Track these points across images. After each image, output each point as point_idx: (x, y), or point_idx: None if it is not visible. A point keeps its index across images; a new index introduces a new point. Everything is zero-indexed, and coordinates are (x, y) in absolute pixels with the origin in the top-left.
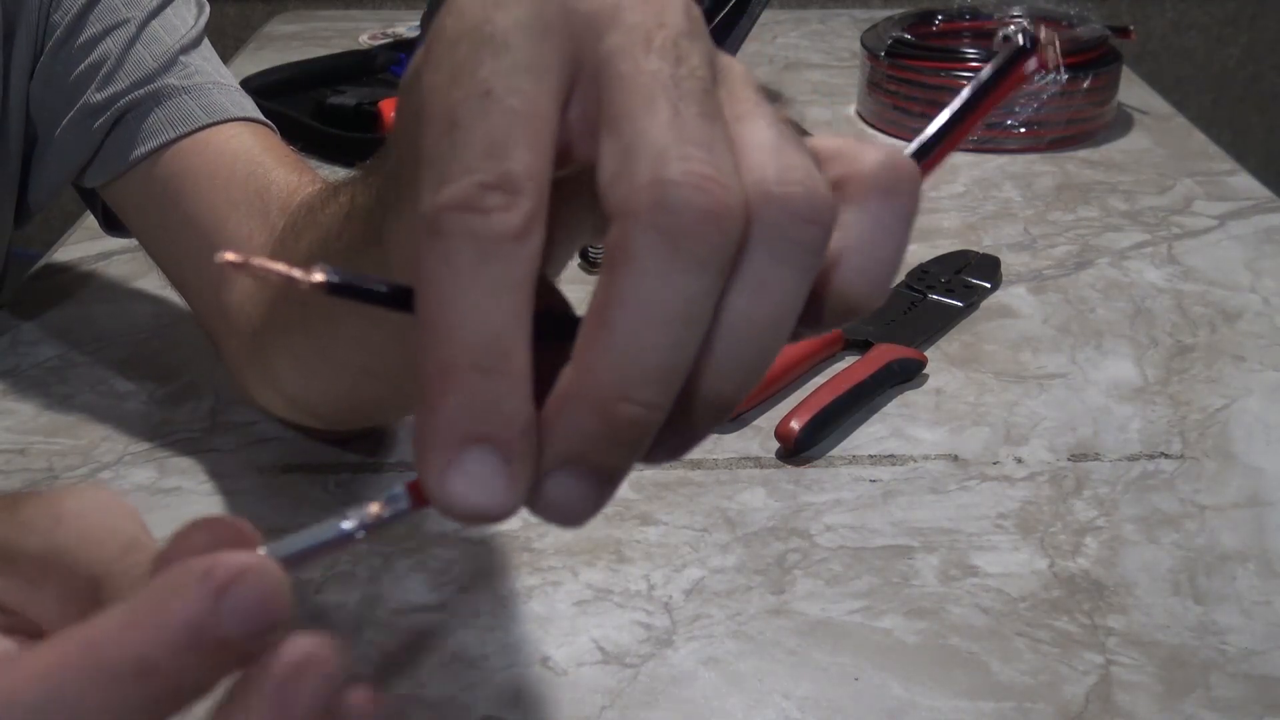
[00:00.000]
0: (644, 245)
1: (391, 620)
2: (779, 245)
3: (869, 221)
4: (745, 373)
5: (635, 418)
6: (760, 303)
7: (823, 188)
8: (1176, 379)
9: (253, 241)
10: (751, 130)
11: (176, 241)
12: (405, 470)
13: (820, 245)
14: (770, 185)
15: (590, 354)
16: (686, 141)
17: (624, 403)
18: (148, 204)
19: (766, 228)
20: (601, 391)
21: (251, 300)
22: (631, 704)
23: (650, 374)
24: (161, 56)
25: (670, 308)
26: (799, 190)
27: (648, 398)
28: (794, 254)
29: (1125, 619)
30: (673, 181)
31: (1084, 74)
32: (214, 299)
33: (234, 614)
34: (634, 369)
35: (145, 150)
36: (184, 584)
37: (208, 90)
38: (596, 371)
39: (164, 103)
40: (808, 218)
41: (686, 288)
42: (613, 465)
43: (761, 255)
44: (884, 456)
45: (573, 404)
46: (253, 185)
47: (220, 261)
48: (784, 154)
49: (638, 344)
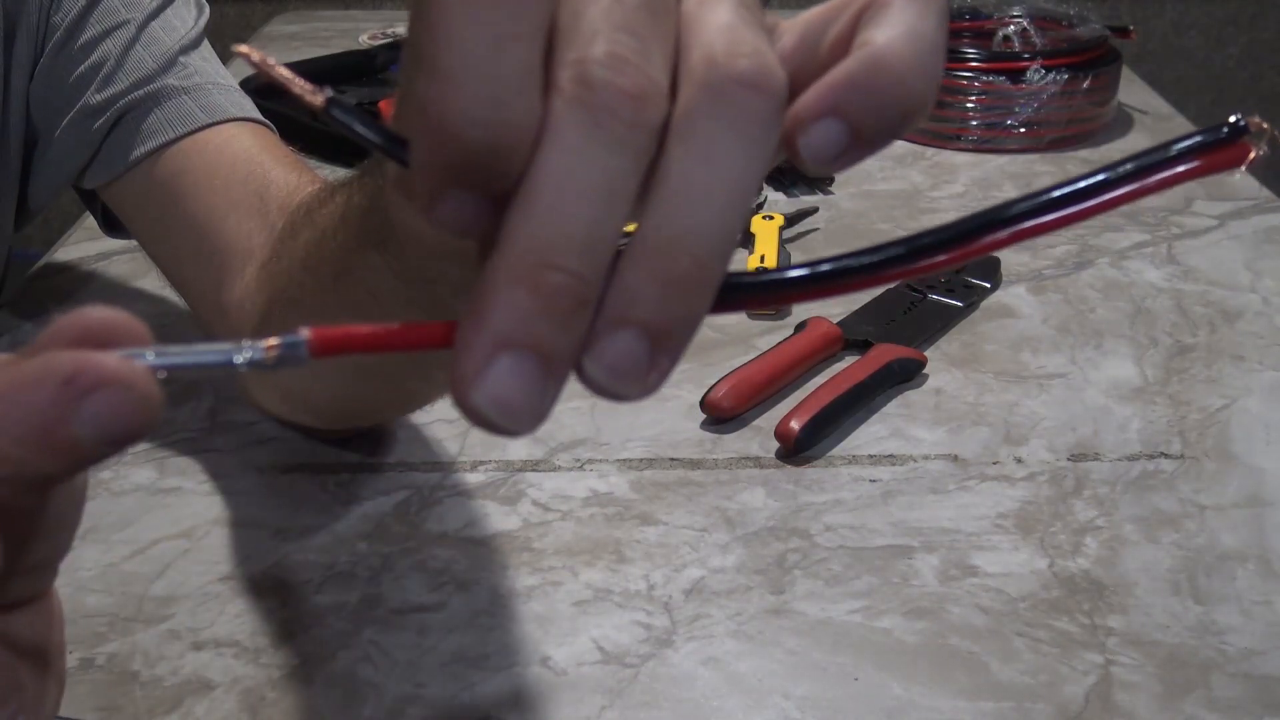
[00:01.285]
0: (564, 119)
1: (391, 620)
2: (725, 112)
3: (904, 11)
4: (703, 244)
5: (561, 285)
6: (710, 170)
7: (772, 61)
8: (1176, 379)
9: (252, 241)
10: (711, 13)
11: (176, 241)
12: (405, 470)
13: (770, 117)
14: (717, 55)
15: (515, 223)
16: (617, 28)
17: (549, 270)
18: (147, 204)
19: (712, 95)
20: (527, 258)
21: (251, 300)
22: (631, 704)
23: (572, 241)
24: (161, 57)
25: (588, 179)
26: (745, 61)
27: (572, 265)
28: (741, 121)
29: (1125, 619)
30: (595, 60)
31: (1084, 74)
32: (214, 299)
33: (91, 419)
34: (557, 236)
35: (145, 150)
36: (46, 377)
37: (207, 91)
38: (521, 240)
39: (164, 103)
40: (753, 83)
41: (604, 162)
42: (551, 345)
43: (708, 123)
44: (884, 456)
45: (502, 277)
46: (252, 185)
47: (236, 51)
48: (735, 30)
49: (558, 213)
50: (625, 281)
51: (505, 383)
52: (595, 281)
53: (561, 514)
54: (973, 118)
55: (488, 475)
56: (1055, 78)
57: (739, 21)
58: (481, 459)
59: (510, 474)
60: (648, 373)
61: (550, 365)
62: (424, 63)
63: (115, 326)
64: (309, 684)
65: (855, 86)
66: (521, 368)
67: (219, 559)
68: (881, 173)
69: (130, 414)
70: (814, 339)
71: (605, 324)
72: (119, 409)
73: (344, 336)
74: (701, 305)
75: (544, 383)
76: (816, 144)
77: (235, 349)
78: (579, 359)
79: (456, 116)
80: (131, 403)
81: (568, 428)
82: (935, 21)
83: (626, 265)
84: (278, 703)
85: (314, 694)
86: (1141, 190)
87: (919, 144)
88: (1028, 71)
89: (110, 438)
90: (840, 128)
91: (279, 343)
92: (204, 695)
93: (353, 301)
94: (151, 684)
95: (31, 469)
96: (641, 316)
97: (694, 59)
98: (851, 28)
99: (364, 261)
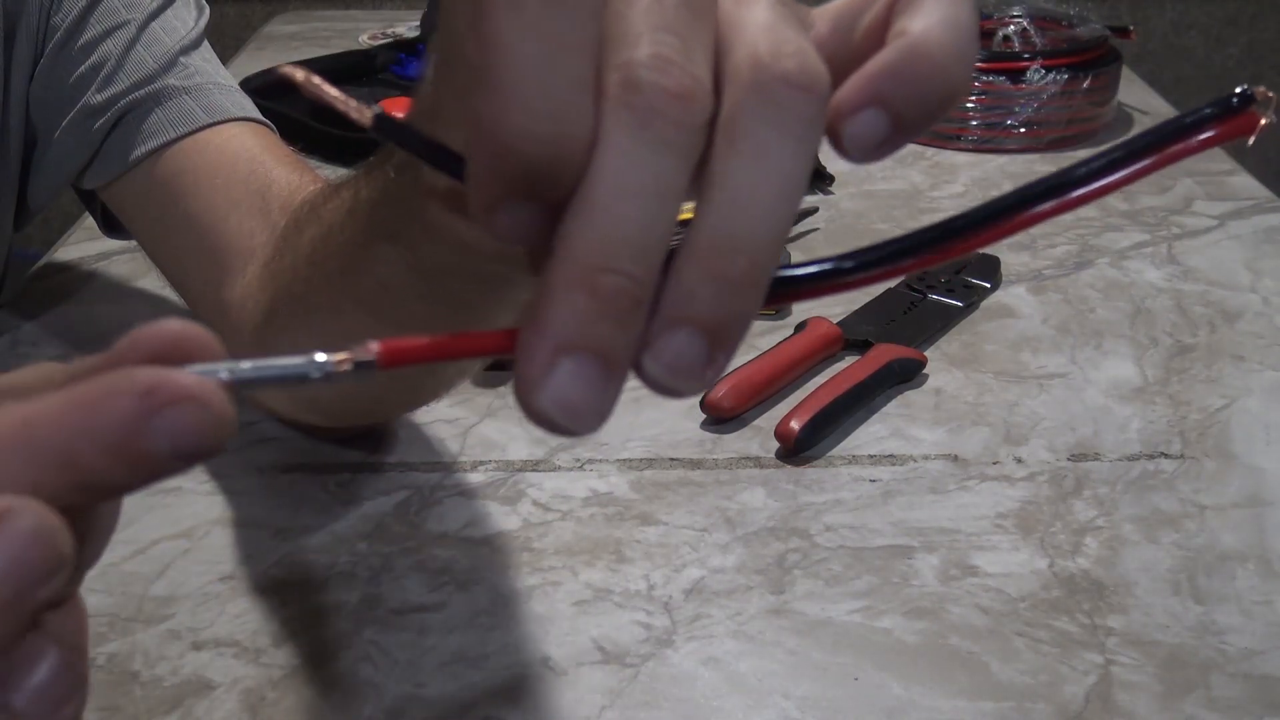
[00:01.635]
0: (614, 124)
1: (391, 620)
2: (774, 113)
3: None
4: (757, 243)
5: (618, 287)
6: (761, 170)
7: (816, 59)
8: (1176, 379)
9: (254, 240)
10: (750, 12)
11: (176, 241)
12: (406, 470)
13: (816, 116)
14: (762, 56)
15: (570, 229)
16: (659, 28)
17: (606, 273)
18: (147, 204)
19: (760, 96)
20: (585, 262)
21: (254, 299)
22: (631, 704)
23: (627, 244)
24: (162, 57)
25: (639, 181)
26: (791, 62)
27: (627, 267)
28: (789, 122)
29: (1125, 619)
30: (639, 63)
31: (1084, 74)
32: (214, 297)
33: (165, 434)
34: (612, 239)
35: (145, 150)
36: (123, 390)
37: (208, 91)
38: (577, 245)
39: (164, 103)
40: (800, 84)
41: (655, 163)
42: (610, 346)
43: (758, 124)
44: (884, 456)
45: (560, 283)
46: (253, 184)
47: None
48: (777, 29)
49: (612, 217)
50: (682, 282)
51: (568, 385)
52: (650, 281)
53: (562, 514)
54: (973, 118)
55: (488, 475)
56: (1055, 78)
57: (779, 20)
58: (481, 459)
59: (510, 474)
60: (705, 369)
61: (611, 366)
62: (479, 78)
63: (190, 341)
64: (309, 684)
65: (896, 76)
66: (583, 370)
67: (219, 559)
68: (881, 173)
69: (204, 430)
70: (814, 339)
71: (664, 323)
72: (193, 425)
73: (410, 348)
74: (755, 302)
75: (605, 383)
76: (860, 134)
77: (309, 364)
78: (638, 358)
79: (516, 131)
80: (205, 420)
81: None
82: (969, 8)
83: (683, 265)
84: (278, 703)
85: (314, 694)
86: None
87: (919, 144)
88: (1028, 71)
89: (183, 453)
90: (883, 117)
91: (349, 356)
92: (204, 695)
93: (362, 295)
94: (151, 684)
95: (108, 478)
96: (699, 315)
97: (738, 59)
98: (886, 16)
99: (375, 255)
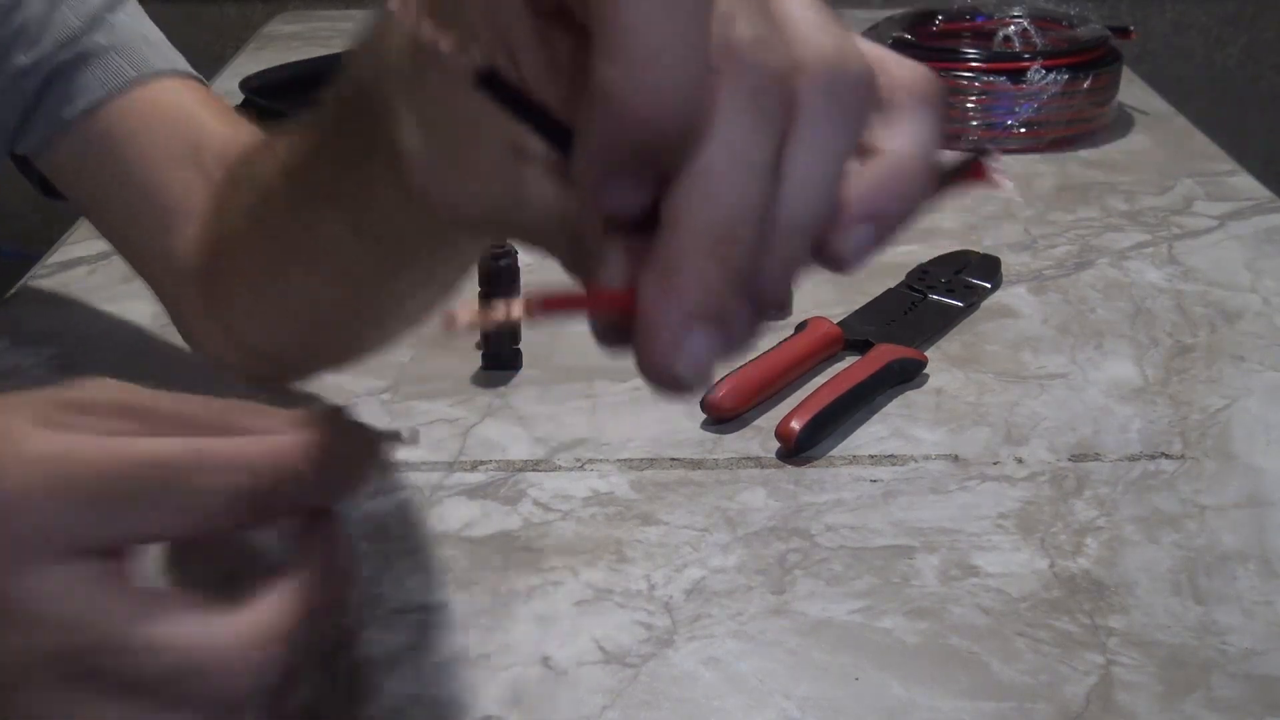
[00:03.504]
0: (727, 100)
1: (391, 620)
2: (840, 111)
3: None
4: (812, 226)
5: (742, 256)
6: (824, 161)
7: (867, 59)
8: (1176, 379)
9: (191, 195)
10: (792, 5)
11: (115, 199)
12: (405, 470)
13: (869, 112)
14: (831, 56)
15: (694, 202)
16: (748, 8)
17: (733, 243)
18: (84, 165)
19: (831, 95)
20: (713, 232)
21: (195, 255)
22: (632, 704)
23: (749, 214)
24: (86, 16)
25: (754, 155)
26: (857, 65)
27: (750, 237)
28: (851, 119)
29: (1126, 619)
30: (745, 41)
31: (1084, 74)
32: (158, 244)
33: None
34: (736, 211)
35: (77, 110)
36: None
37: (136, 47)
38: (703, 217)
39: (92, 62)
40: (867, 84)
41: (764, 139)
42: (730, 312)
43: (824, 120)
44: (884, 456)
45: (689, 254)
46: (189, 139)
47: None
48: (832, 28)
49: (735, 188)
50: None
51: (702, 350)
52: (758, 252)
53: (562, 514)
54: (973, 118)
55: (488, 475)
56: (1055, 78)
57: (828, 18)
58: (482, 459)
59: (511, 474)
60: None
61: (731, 330)
62: (608, 47)
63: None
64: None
65: (888, 194)
66: (713, 335)
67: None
68: None
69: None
70: (814, 339)
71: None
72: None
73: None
74: (797, 278)
75: (727, 346)
76: (857, 246)
77: None
78: None
79: (647, 101)
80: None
81: (568, 427)
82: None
83: None
84: None
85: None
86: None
87: None
88: (1028, 72)
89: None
90: (874, 230)
91: None
92: None
93: (299, 251)
94: None
95: None
96: (762, 291)
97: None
98: None
99: (314, 215)
